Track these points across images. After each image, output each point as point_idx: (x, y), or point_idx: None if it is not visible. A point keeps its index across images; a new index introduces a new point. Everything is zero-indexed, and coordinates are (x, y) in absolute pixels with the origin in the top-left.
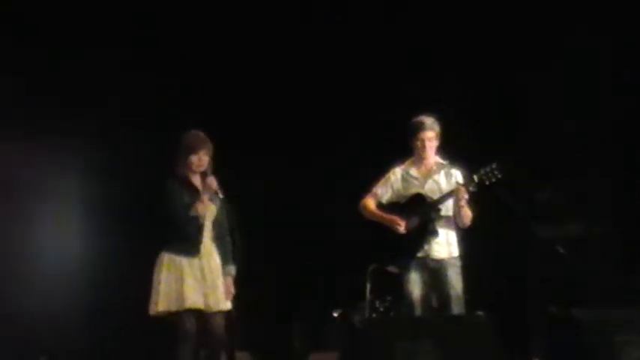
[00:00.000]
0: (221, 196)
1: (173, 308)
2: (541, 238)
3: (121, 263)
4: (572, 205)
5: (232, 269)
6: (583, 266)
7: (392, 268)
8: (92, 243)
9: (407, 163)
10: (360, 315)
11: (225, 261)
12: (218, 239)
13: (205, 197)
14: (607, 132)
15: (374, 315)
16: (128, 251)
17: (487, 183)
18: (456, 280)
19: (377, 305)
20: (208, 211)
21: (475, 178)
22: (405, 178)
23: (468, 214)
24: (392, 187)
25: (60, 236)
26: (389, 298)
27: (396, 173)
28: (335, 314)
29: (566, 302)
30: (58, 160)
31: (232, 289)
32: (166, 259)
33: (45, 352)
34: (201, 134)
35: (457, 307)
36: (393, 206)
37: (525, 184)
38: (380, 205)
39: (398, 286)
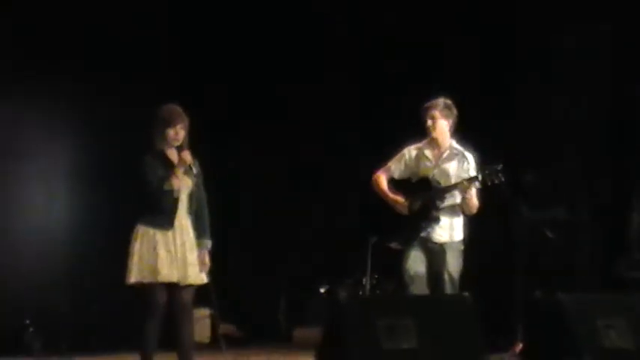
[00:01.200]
0: (195, 170)
1: (146, 280)
2: (527, 221)
3: (106, 228)
4: (558, 189)
5: (208, 243)
6: (568, 250)
7: (394, 245)
8: (78, 208)
9: (423, 142)
10: (346, 291)
11: (200, 234)
12: (194, 213)
13: (180, 171)
14: (594, 117)
15: (360, 292)
16: (113, 216)
17: (489, 184)
18: (452, 264)
19: (364, 282)
20: (184, 184)
21: (479, 177)
22: (419, 157)
23: (473, 205)
24: (405, 163)
25: (46, 201)
26: (376, 276)
27: (411, 151)
28: (321, 290)
29: (550, 286)
30: (46, 123)
31: (208, 262)
32: (141, 231)
33: (30, 316)
34: (178, 108)
35: (450, 289)
36: (403, 184)
37: (513, 167)
38: (391, 181)
39: (396, 262)
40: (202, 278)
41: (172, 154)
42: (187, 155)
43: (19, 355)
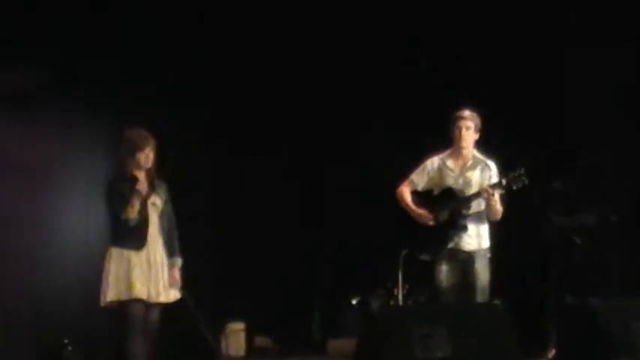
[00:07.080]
0: (163, 196)
1: (123, 297)
2: (557, 228)
3: None
4: (587, 194)
5: (178, 261)
6: (599, 255)
7: (424, 257)
8: None
9: (445, 153)
10: (379, 302)
11: (171, 253)
12: (164, 231)
13: (137, 201)
14: (621, 119)
15: (392, 302)
16: None
17: (514, 188)
18: (482, 272)
19: (395, 293)
20: (152, 205)
21: (503, 182)
22: (441, 169)
23: (497, 211)
24: (428, 175)
25: (84, 215)
26: (407, 286)
27: (434, 162)
28: (354, 301)
29: (582, 291)
30: (83, 134)
31: (179, 280)
32: (115, 252)
33: (68, 335)
34: (144, 132)
35: (482, 298)
36: (427, 195)
37: (542, 173)
38: (415, 193)
39: (428, 274)
40: (174, 295)
41: (142, 177)
42: (143, 186)
43: None
